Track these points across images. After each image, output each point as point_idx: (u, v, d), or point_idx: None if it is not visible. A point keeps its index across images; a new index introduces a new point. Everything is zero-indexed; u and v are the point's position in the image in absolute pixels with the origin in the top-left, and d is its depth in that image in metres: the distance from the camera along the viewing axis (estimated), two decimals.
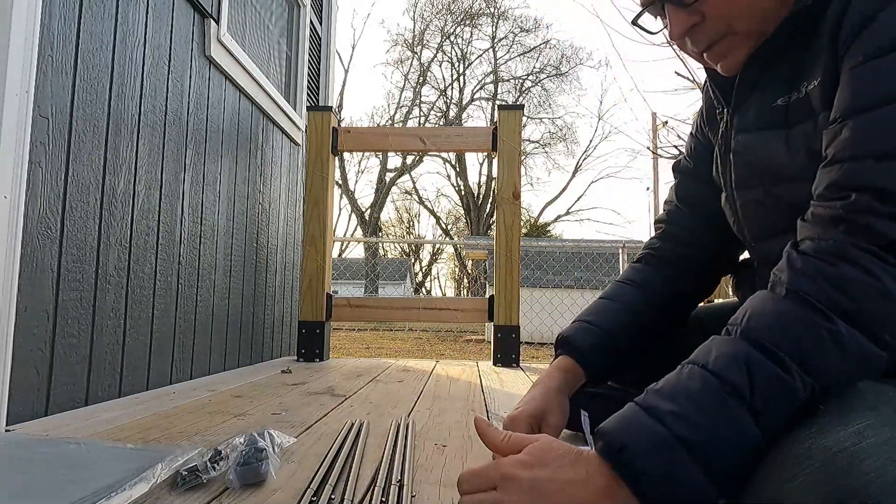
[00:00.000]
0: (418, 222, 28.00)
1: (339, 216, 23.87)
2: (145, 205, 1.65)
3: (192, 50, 1.92)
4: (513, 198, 2.61)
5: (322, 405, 1.45)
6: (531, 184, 25.93)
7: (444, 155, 23.39)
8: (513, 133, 2.63)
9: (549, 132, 25.50)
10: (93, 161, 1.41)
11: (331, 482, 0.79)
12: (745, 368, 0.53)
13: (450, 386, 1.85)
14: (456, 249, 20.95)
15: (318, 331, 2.58)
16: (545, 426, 0.84)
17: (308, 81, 3.34)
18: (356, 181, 27.67)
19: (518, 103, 22.74)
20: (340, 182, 22.88)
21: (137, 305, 1.61)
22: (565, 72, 24.91)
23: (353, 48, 37.46)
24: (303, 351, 2.58)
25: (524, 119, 4.42)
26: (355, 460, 0.90)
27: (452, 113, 24.65)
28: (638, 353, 0.97)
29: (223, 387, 1.77)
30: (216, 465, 0.81)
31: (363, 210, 23.62)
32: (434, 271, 27.08)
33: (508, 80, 25.10)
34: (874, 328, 0.53)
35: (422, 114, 24.77)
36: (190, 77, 1.90)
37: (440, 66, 25.46)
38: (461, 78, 25.04)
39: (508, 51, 24.92)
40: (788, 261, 0.58)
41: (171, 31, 1.77)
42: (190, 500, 0.74)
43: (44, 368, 1.25)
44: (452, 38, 24.68)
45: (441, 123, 23.79)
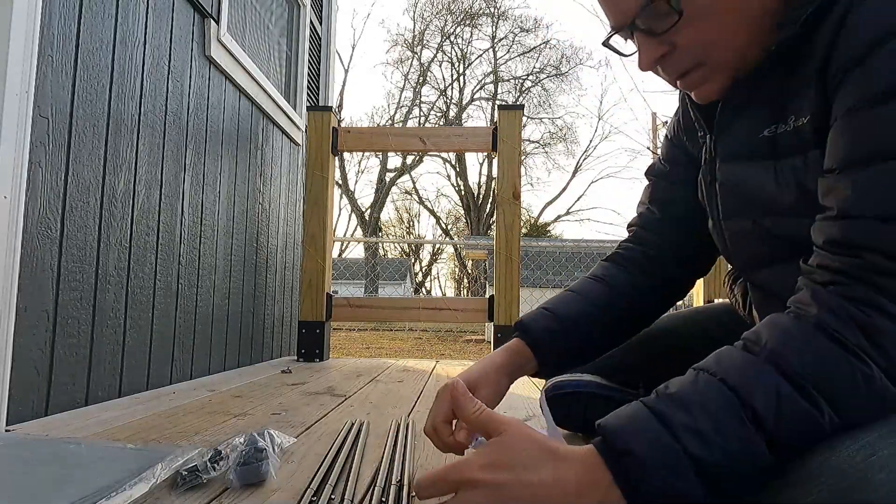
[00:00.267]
0: (418, 222, 28.04)
1: (339, 216, 23.89)
2: (145, 205, 1.65)
3: (192, 50, 1.92)
4: (513, 198, 2.61)
5: (322, 405, 1.45)
6: (531, 184, 25.96)
7: (444, 155, 23.40)
8: (513, 133, 2.63)
9: (549, 132, 25.54)
10: (93, 161, 1.41)
11: (331, 482, 0.79)
12: (775, 401, 0.51)
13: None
14: (456, 249, 20.96)
15: (318, 331, 2.58)
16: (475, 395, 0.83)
17: (308, 81, 3.34)
18: (356, 181, 27.67)
19: (518, 103, 22.75)
20: (340, 182, 22.88)
21: (137, 305, 1.61)
22: (565, 72, 24.94)
23: (353, 48, 37.54)
24: (303, 351, 2.58)
25: (524, 119, 4.42)
26: (355, 460, 0.90)
27: (452, 113, 24.67)
28: (599, 347, 0.96)
29: (223, 387, 1.77)
30: (216, 465, 0.81)
31: (363, 210, 23.64)
32: (434, 271, 27.10)
33: (508, 80, 25.13)
34: None
35: (422, 114, 24.80)
36: (190, 77, 1.90)
37: (440, 66, 25.49)
38: (461, 78, 25.07)
39: (508, 51, 24.96)
40: (814, 296, 0.56)
41: (171, 31, 1.77)
42: (190, 500, 0.73)
43: (44, 368, 1.25)
44: (452, 38, 24.70)
45: (441, 123, 23.79)
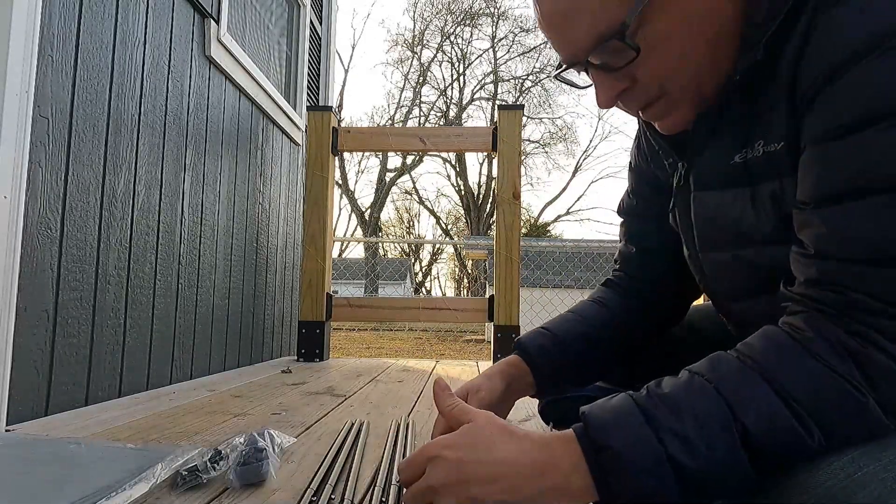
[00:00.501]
0: (418, 222, 28.02)
1: (339, 216, 23.88)
2: (145, 205, 1.65)
3: (192, 50, 1.92)
4: (513, 198, 2.61)
5: (322, 405, 1.45)
6: (531, 184, 25.93)
7: (444, 155, 23.39)
8: (513, 133, 2.63)
9: (549, 132, 25.50)
10: (93, 161, 1.41)
11: (331, 482, 0.79)
12: (767, 419, 0.50)
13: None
14: (456, 249, 20.96)
15: (318, 331, 2.58)
16: (470, 397, 0.84)
17: (308, 81, 3.34)
18: (356, 181, 27.67)
19: (518, 103, 22.75)
20: (340, 182, 22.88)
21: (137, 305, 1.61)
22: None
23: (353, 48, 37.51)
24: (303, 351, 2.58)
25: (524, 119, 4.42)
26: (355, 460, 0.90)
27: (452, 113, 24.65)
28: (596, 367, 0.97)
29: (223, 387, 1.77)
30: (216, 465, 0.81)
31: (363, 210, 23.63)
32: (434, 271, 27.10)
33: (508, 80, 25.10)
34: (890, 408, 0.51)
35: (422, 114, 24.78)
36: (190, 77, 1.90)
37: (440, 66, 25.49)
38: (461, 78, 25.04)
39: (508, 51, 24.92)
40: (808, 321, 0.54)
41: (171, 31, 1.77)
42: (190, 500, 0.74)
43: (44, 368, 1.25)
44: (452, 38, 24.68)
45: (441, 123, 23.78)
